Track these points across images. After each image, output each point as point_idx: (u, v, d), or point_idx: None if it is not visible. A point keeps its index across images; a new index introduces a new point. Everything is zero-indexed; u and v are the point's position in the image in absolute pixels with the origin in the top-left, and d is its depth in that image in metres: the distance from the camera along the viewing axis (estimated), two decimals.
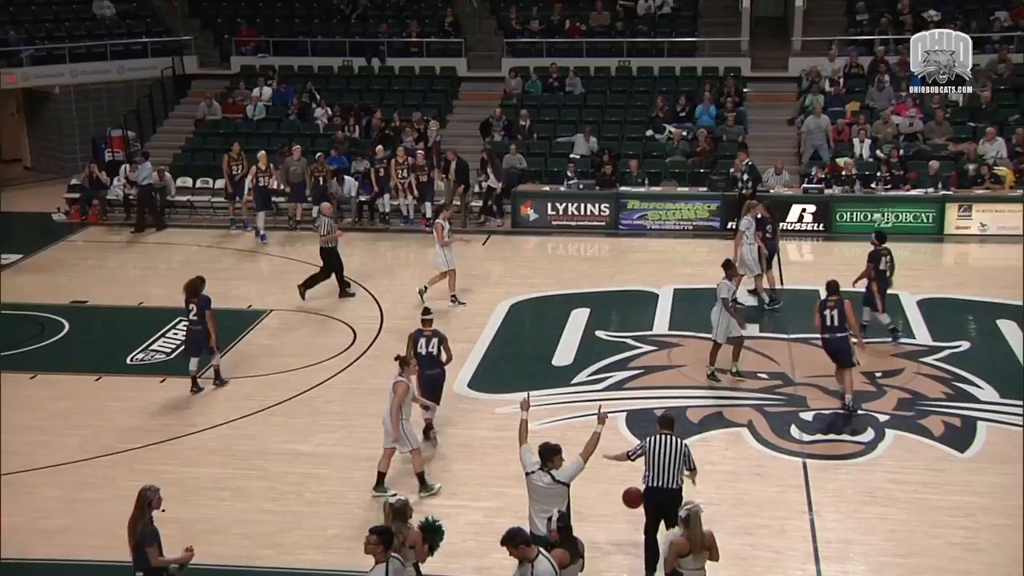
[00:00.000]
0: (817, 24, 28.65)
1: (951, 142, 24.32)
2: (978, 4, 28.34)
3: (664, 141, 25.52)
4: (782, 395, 14.75)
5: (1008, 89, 26.10)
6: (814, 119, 24.61)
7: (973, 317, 17.72)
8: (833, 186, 22.91)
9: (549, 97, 27.75)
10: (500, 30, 30.00)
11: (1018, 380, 15.04)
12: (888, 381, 15.09)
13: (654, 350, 16.41)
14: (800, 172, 24.34)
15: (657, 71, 28.32)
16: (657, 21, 29.30)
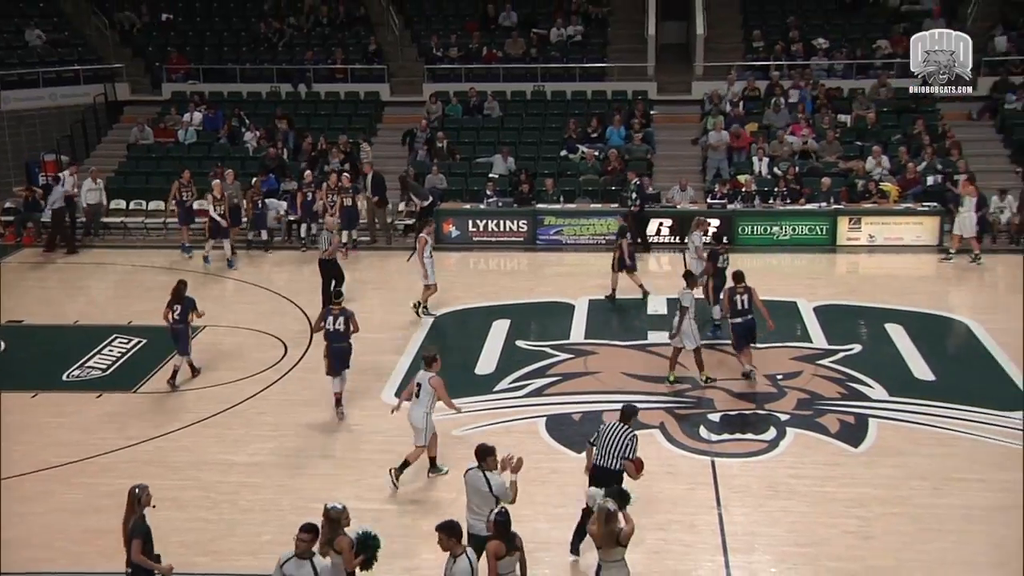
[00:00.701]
0: (717, 51, 29.10)
1: (841, 160, 24.85)
2: (861, 33, 29.04)
3: (577, 161, 25.71)
4: (691, 398, 14.91)
5: (890, 111, 26.77)
6: (715, 133, 25.00)
7: (864, 322, 18.09)
8: (735, 201, 23.26)
9: (468, 120, 27.80)
10: (421, 57, 29.99)
11: (905, 379, 15.41)
12: (788, 383, 15.34)
13: (571, 358, 16.49)
14: (704, 189, 24.68)
15: (570, 95, 28.53)
16: (569, 48, 29.54)
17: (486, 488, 9.87)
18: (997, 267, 21.22)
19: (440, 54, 29.44)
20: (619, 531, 9.01)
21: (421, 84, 29.08)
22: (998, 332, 17.12)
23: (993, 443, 13.29)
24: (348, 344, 14.45)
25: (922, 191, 23.15)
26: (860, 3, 29.90)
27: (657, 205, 23.28)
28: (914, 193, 23.13)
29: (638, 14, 30.42)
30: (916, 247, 22.11)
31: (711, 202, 23.40)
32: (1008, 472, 12.54)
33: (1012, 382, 15.19)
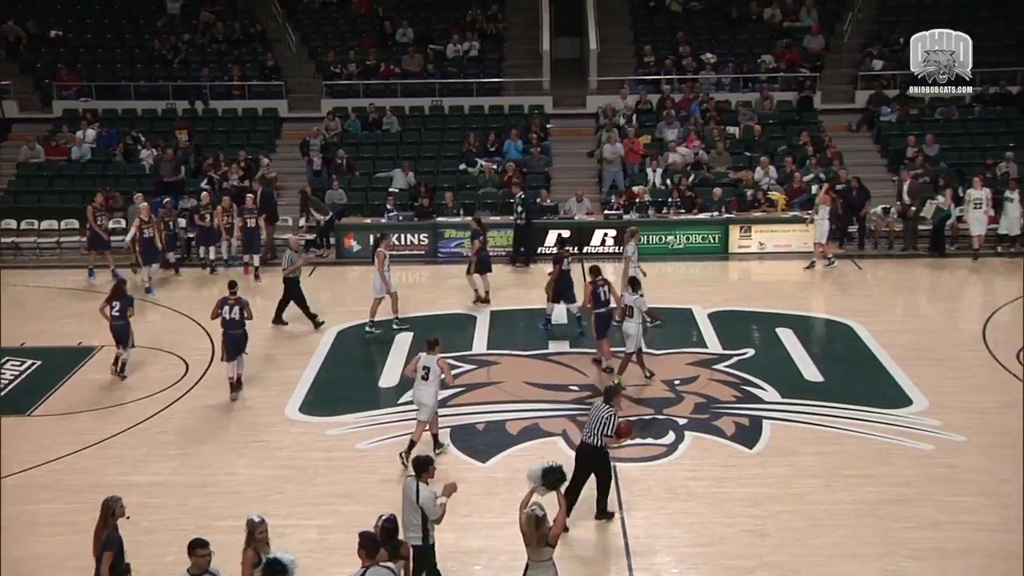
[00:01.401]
0: (610, 65, 29.49)
1: (731, 170, 25.39)
2: (747, 48, 29.74)
3: (476, 174, 25.78)
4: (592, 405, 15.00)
5: (776, 123, 27.47)
6: (610, 146, 25.32)
7: (756, 327, 18.47)
8: (631, 212, 23.57)
9: (368, 135, 27.66)
10: (319, 73, 29.73)
11: (795, 381, 15.79)
12: (685, 388, 15.58)
13: (474, 368, 16.50)
14: (601, 200, 24.96)
15: (467, 109, 28.61)
16: (465, 64, 29.61)
17: (414, 497, 9.87)
18: (878, 271, 21.89)
19: (338, 70, 29.23)
20: (548, 532, 9.23)
21: (319, 100, 28.83)
22: (880, 333, 17.66)
23: (878, 440, 13.69)
24: (244, 331, 15.43)
25: (808, 199, 23.76)
26: (745, 19, 30.62)
27: (555, 217, 23.46)
28: (800, 201, 23.73)
29: (533, 30, 30.66)
30: (804, 253, 22.67)
31: (607, 213, 23.69)
32: (892, 467, 12.94)
33: (894, 381, 15.67)
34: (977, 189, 22.10)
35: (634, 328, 15.43)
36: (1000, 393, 15.09)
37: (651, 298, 18.20)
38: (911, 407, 14.71)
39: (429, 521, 9.85)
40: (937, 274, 21.60)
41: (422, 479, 9.95)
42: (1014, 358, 16.38)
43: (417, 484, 9.91)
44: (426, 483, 9.94)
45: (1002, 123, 27.05)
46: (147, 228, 20.97)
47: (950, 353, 16.79)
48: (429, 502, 9.86)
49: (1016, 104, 27.63)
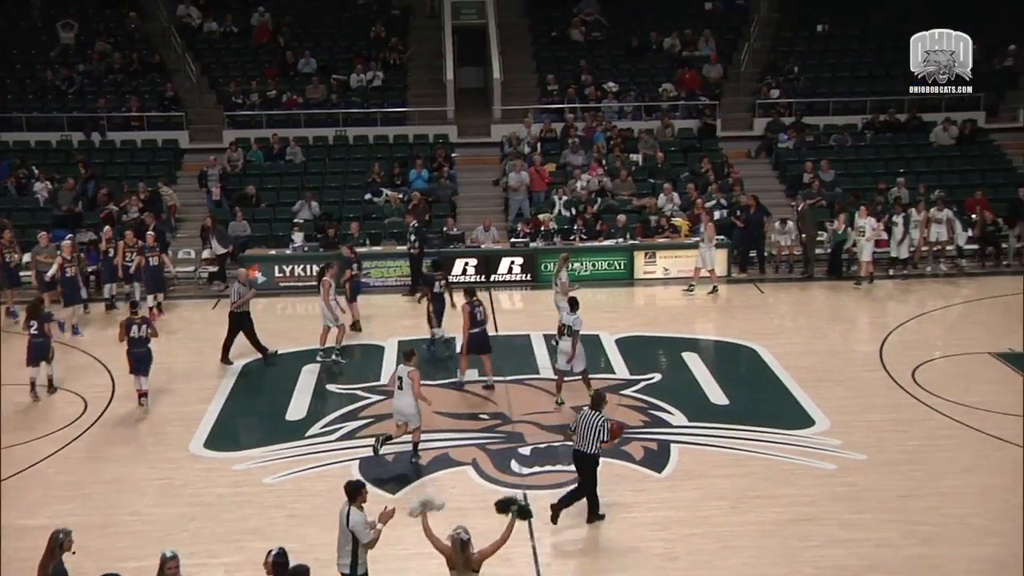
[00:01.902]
0: (514, 94, 29.74)
1: (635, 197, 25.77)
2: (648, 77, 30.29)
3: (382, 204, 25.71)
4: (502, 433, 15.04)
5: (678, 150, 28.00)
6: (515, 174, 25.48)
7: (663, 351, 18.72)
8: (537, 240, 23.73)
9: (271, 166, 27.40)
10: (220, 103, 29.40)
11: (702, 405, 16.02)
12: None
13: (383, 399, 16.37)
14: (507, 228, 25.08)
15: (372, 139, 28.55)
16: (369, 93, 29.56)
17: (345, 521, 9.79)
18: (780, 294, 22.38)
19: (240, 101, 28.94)
20: (473, 556, 9.25)
21: (221, 131, 28.48)
22: (783, 356, 18.04)
23: (783, 460, 13.95)
24: (149, 349, 16.05)
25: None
26: (645, 49, 31.19)
27: (462, 245, 23.50)
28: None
29: (437, 60, 30.80)
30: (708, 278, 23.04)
31: (514, 241, 23.81)
32: (796, 487, 13.19)
33: (797, 402, 16.01)
34: (862, 217, 22.63)
35: (570, 347, 15.67)
36: (897, 412, 15.53)
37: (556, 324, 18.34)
38: (814, 427, 15.03)
39: (360, 547, 9.73)
40: (836, 297, 22.17)
41: (355, 504, 9.86)
42: (910, 377, 16.87)
43: (348, 509, 9.83)
44: (359, 508, 9.83)
45: (892, 149, 28.02)
46: (69, 267, 20.06)
47: (850, 374, 17.22)
48: (359, 526, 9.75)
49: (904, 131, 28.64)
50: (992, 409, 15.41)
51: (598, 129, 27.98)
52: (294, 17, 32.06)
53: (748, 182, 26.03)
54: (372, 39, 31.18)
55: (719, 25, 31.94)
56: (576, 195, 25.43)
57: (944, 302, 21.36)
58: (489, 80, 30.34)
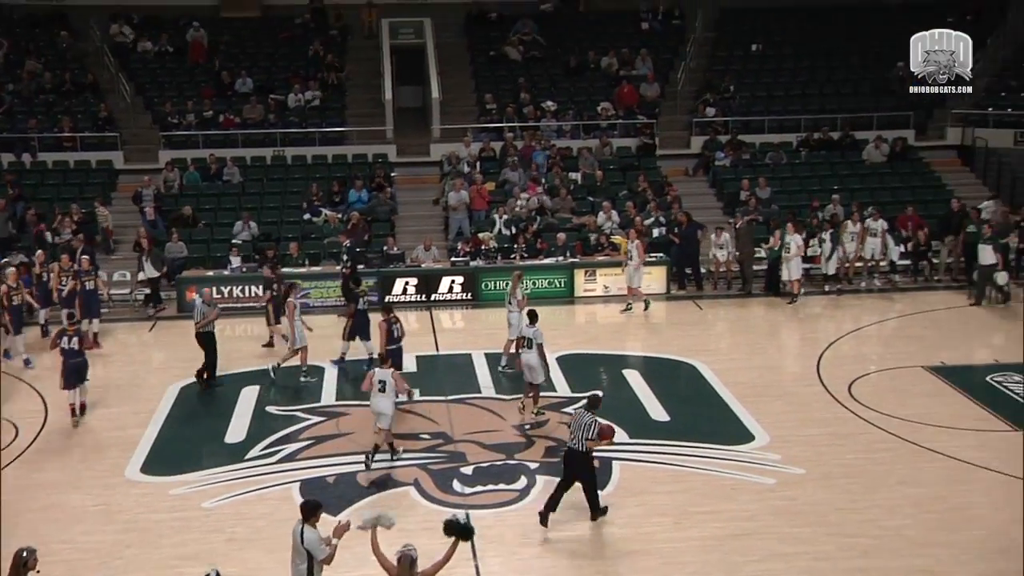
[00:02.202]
0: (452, 114, 29.82)
1: (575, 215, 25.93)
2: (586, 96, 30.55)
3: (321, 224, 25.58)
4: (444, 453, 15.00)
5: (616, 168, 28.26)
6: (455, 194, 25.50)
7: (603, 368, 18.83)
8: (477, 258, 23.76)
9: (208, 186, 27.14)
10: (156, 124, 29.08)
11: (643, 421, 16.13)
12: (536, 432, 15.71)
13: (323, 420, 16.27)
14: (447, 247, 25.09)
15: (310, 159, 28.41)
16: (307, 113, 29.46)
17: (299, 540, 9.71)
18: (718, 311, 22.63)
19: (176, 121, 28.66)
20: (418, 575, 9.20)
21: (157, 151, 28.16)
22: (722, 372, 18.25)
23: (723, 476, 14.08)
24: (84, 359, 16.21)
25: (650, 242, 24.42)
26: (583, 68, 31.47)
27: (402, 265, 23.46)
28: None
29: (375, 79, 30.78)
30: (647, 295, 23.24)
31: (455, 260, 23.82)
32: (736, 502, 13.32)
33: (737, 418, 16.18)
34: (789, 234, 22.86)
35: (535, 359, 16.00)
36: (835, 426, 15.76)
37: (500, 344, 18.40)
38: (753, 443, 15.21)
39: (315, 565, 9.67)
40: (773, 313, 22.46)
41: (309, 523, 9.79)
42: (846, 391, 17.14)
43: (302, 527, 9.76)
44: (313, 527, 9.76)
45: (826, 166, 28.53)
46: (15, 295, 19.48)
47: (788, 389, 17.46)
48: (314, 544, 9.68)
49: (837, 148, 29.20)
50: (925, 422, 15.72)
51: (537, 148, 28.15)
52: (231, 36, 31.87)
53: (686, 200, 26.31)
54: (310, 58, 31.08)
55: (656, 44, 32.34)
56: (516, 214, 25.52)
57: (878, 317, 21.77)
58: (428, 99, 30.39)
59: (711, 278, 24.15)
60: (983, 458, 14.39)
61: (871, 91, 30.98)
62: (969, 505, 13.09)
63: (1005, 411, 16.15)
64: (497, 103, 29.74)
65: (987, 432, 15.40)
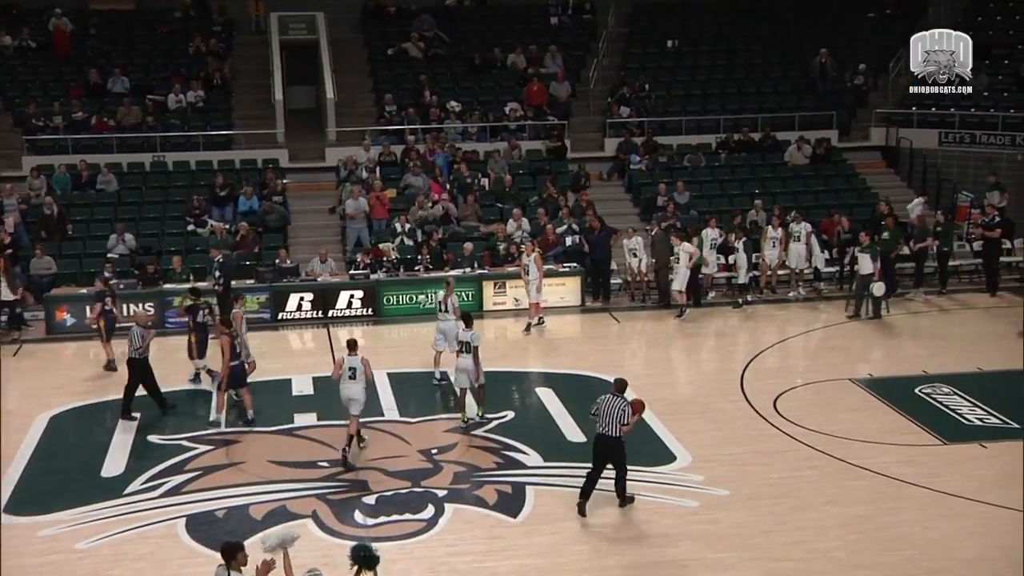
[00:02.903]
0: (349, 115, 29.69)
1: (482, 223, 26.02)
2: (492, 96, 30.71)
3: (207, 235, 25.22)
4: (344, 482, 14.90)
5: (526, 173, 28.44)
6: (353, 201, 25.37)
7: (515, 387, 18.92)
8: (378, 271, 23.67)
9: (80, 195, 26.55)
10: (18, 127, 28.37)
11: (558, 443, 16.22)
12: (443, 456, 15.69)
13: (211, 449, 16.04)
14: (345, 259, 24.95)
15: (194, 164, 28.02)
16: (190, 115, 29.06)
17: None
18: (635, 324, 22.89)
19: (41, 124, 28.01)
20: None
21: (20, 157, 27.48)
22: (640, 388, 18.25)
23: (644, 499, 14.21)
24: None
25: (563, 252, 24.62)
26: (489, 66, 31.62)
27: (297, 279, 23.25)
28: (555, 254, 24.56)
29: (264, 78, 30.52)
30: (560, 308, 23.43)
31: (353, 273, 23.69)
32: (658, 526, 13.48)
33: (657, 437, 16.37)
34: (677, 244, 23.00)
35: (471, 364, 16.48)
36: (760, 443, 16.05)
37: (404, 362, 18.34)
38: (675, 463, 15.41)
39: None
40: (694, 325, 22.81)
41: (232, 567, 9.69)
42: (771, 407, 17.48)
43: (228, 571, 9.67)
44: (239, 571, 9.67)
45: (747, 169, 29.11)
46: None
47: (710, 405, 17.73)
48: None
49: (758, 150, 29.82)
50: (853, 437, 16.11)
51: (441, 151, 28.18)
52: (101, 25, 31.17)
53: (601, 205, 26.58)
54: (191, 56, 30.68)
55: (566, 40, 32.68)
56: (419, 222, 25.48)
57: (804, 327, 22.24)
58: (322, 100, 30.23)
59: (628, 289, 24.39)
60: (912, 474, 14.81)
61: (792, 89, 31.74)
62: (898, 524, 13.44)
63: (933, 424, 16.63)
64: (397, 104, 29.70)
65: (915, 447, 15.85)
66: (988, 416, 16.94)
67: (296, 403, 18.04)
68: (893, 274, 23.48)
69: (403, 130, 29.04)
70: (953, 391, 17.94)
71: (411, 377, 19.01)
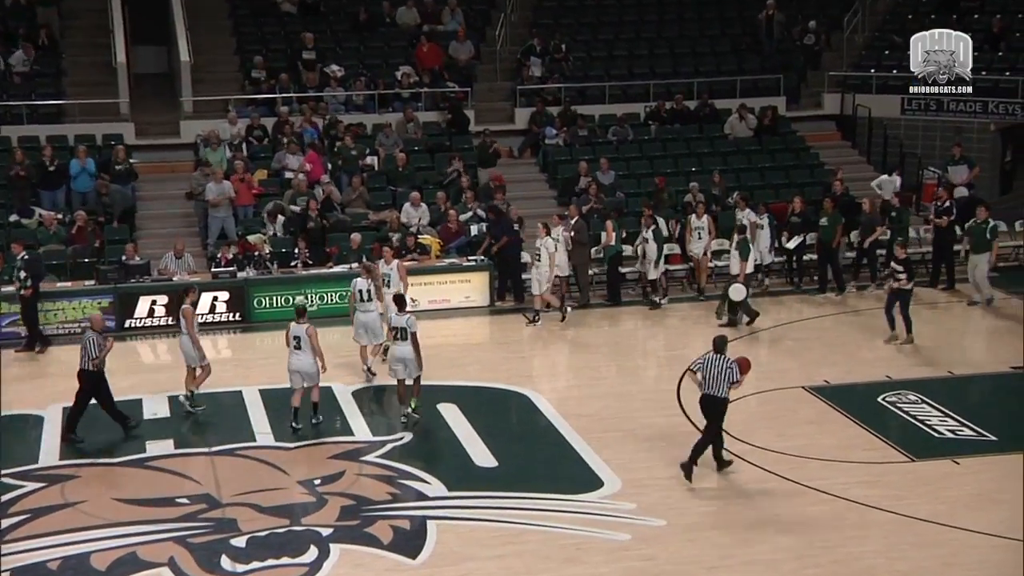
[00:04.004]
0: (209, 82, 29.38)
1: (371, 211, 25.88)
2: (382, 59, 30.59)
3: (35, 227, 24.71)
4: (208, 521, 14.74)
5: (423, 150, 28.37)
6: (215, 184, 25.05)
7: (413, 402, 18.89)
8: (247, 268, 23.41)
9: None
10: None
11: (464, 469, 16.23)
12: (328, 488, 15.58)
13: (43, 487, 15.73)
14: (207, 254, 24.64)
15: (16, 140, 27.36)
16: (12, 82, 28.43)
17: None
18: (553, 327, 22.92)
19: None
20: None
21: None
22: (561, 402, 18.55)
23: (566, 533, 14.30)
24: None
25: (467, 243, 24.59)
26: (376, 23, 31.46)
27: (147, 279, 22.91)
28: (458, 246, 24.53)
29: (102, 37, 29.98)
30: (466, 309, 23.41)
31: (217, 271, 23.35)
32: (583, 564, 13.55)
33: (581, 459, 16.45)
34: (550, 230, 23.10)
35: (410, 352, 17.29)
36: (701, 465, 16.08)
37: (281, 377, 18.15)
38: (602, 490, 15.49)
39: None
40: (621, 328, 22.97)
41: None
42: None
43: None
44: None
45: (682, 143, 29.39)
46: None
47: (642, 420, 17.87)
48: None
49: (695, 121, 30.12)
50: (808, 455, 16.35)
51: (320, 124, 27.96)
52: None
53: (513, 188, 26.67)
54: (10, 9, 30.02)
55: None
56: (295, 208, 25.22)
57: (748, 329, 22.53)
58: (175, 63, 29.80)
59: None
60: (876, 496, 15.07)
61: (732, 49, 32.18)
62: (862, 555, 13.67)
63: (900, 437, 16.98)
64: (267, 68, 29.43)
65: (880, 464, 16.16)
66: (961, 427, 17.37)
67: (149, 429, 17.78)
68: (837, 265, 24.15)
69: (275, 99, 28.78)
70: (921, 399, 18.35)
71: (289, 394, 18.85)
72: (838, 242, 24.16)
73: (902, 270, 20.79)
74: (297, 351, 17.12)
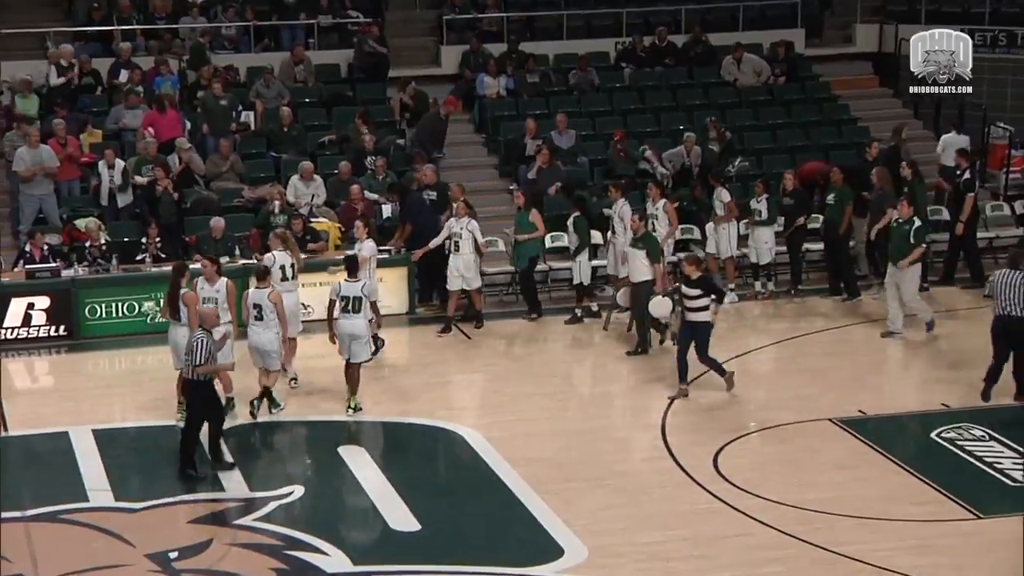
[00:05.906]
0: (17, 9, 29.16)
1: (247, 186, 25.70)
2: None
3: None
4: None
5: (315, 103, 28.22)
6: (29, 151, 24.77)
7: (307, 447, 19.06)
8: (75, 264, 23.22)
9: None
10: None
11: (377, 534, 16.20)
12: (188, 563, 15.45)
13: None
14: (16, 246, 24.41)
15: None
16: None
17: None
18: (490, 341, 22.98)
19: None
20: None
21: None
22: (504, 442, 18.48)
23: None
24: None
25: (379, 226, 24.45)
26: None
27: None
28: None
29: None
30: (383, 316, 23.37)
31: (31, 268, 23.12)
32: None
33: (533, 520, 16.41)
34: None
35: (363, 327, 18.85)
36: (693, 526, 16.18)
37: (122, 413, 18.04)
38: (561, 560, 15.46)
39: None
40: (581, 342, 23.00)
41: None
42: (711, 466, 17.68)
43: None
44: None
45: (667, 92, 29.39)
46: None
47: (614, 467, 17.87)
48: None
49: (684, 63, 30.10)
50: (837, 511, 16.38)
51: (172, 69, 27.73)
52: None
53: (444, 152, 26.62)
54: None
55: None
56: (140, 179, 25.00)
57: (755, 343, 22.58)
58: None
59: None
60: (929, 567, 15.14)
61: None
62: None
63: (961, 487, 17.03)
64: None
65: (934, 523, 16.23)
66: None
67: None
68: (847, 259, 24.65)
69: (111, 32, 28.59)
70: (988, 434, 18.47)
71: (134, 435, 18.71)
72: (847, 226, 24.39)
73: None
74: (257, 322, 18.22)
